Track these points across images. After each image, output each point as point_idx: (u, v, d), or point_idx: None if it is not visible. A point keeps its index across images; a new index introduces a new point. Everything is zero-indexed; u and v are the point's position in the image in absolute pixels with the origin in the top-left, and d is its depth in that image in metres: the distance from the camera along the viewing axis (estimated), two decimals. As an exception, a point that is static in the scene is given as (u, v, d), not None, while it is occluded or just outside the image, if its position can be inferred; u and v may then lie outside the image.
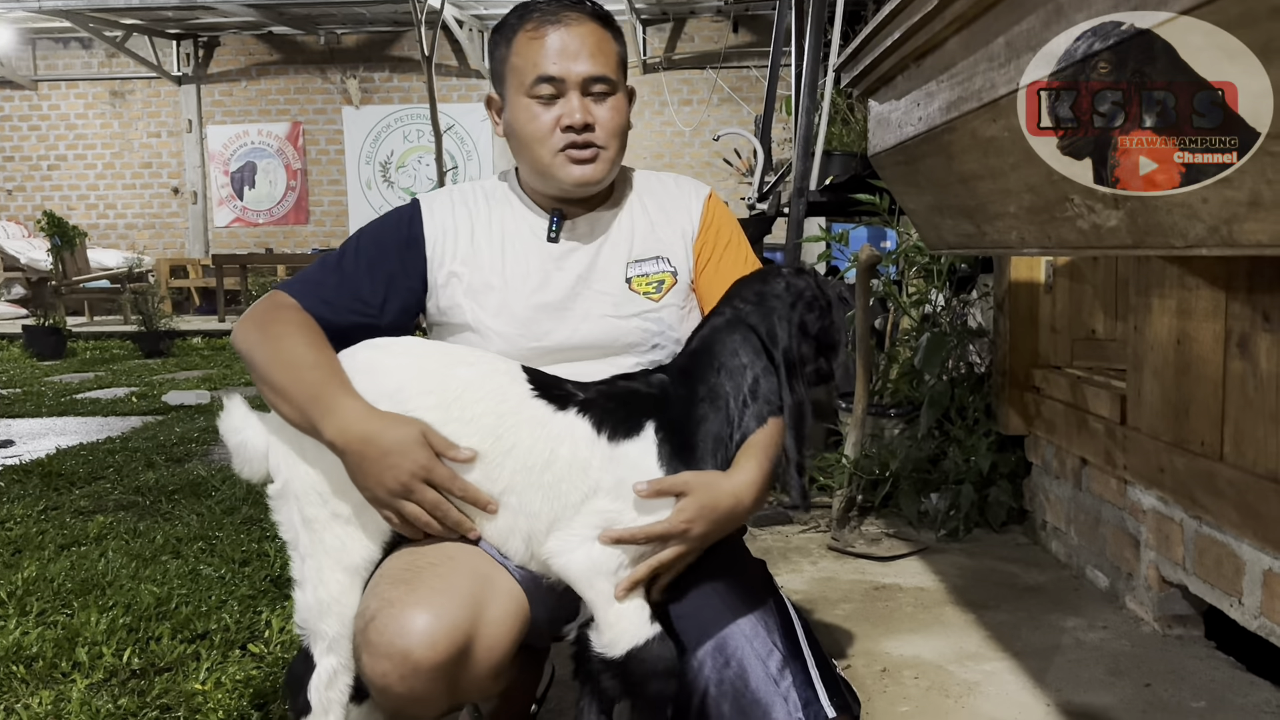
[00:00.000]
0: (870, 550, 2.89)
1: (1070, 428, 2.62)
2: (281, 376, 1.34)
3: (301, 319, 1.43)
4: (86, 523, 3.17)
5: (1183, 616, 2.21)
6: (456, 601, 1.23)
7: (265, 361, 1.37)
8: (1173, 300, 2.11)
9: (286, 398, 1.33)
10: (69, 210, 12.94)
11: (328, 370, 1.34)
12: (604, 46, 1.49)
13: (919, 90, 1.71)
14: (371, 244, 1.54)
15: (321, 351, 1.38)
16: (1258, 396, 1.81)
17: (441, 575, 1.26)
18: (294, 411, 1.33)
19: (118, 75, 13.05)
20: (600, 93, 1.49)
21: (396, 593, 1.24)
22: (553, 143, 1.48)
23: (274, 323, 1.41)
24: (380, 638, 1.20)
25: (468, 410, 1.33)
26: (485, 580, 1.30)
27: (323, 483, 1.36)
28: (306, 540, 1.37)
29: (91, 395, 6.17)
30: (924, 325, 3.38)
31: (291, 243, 13.02)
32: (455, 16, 11.74)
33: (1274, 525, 1.73)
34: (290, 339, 1.38)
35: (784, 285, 1.45)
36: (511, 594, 1.32)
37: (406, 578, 1.26)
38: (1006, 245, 1.68)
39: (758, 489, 1.35)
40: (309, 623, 1.36)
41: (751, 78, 11.95)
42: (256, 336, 1.40)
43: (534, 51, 1.46)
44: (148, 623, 2.29)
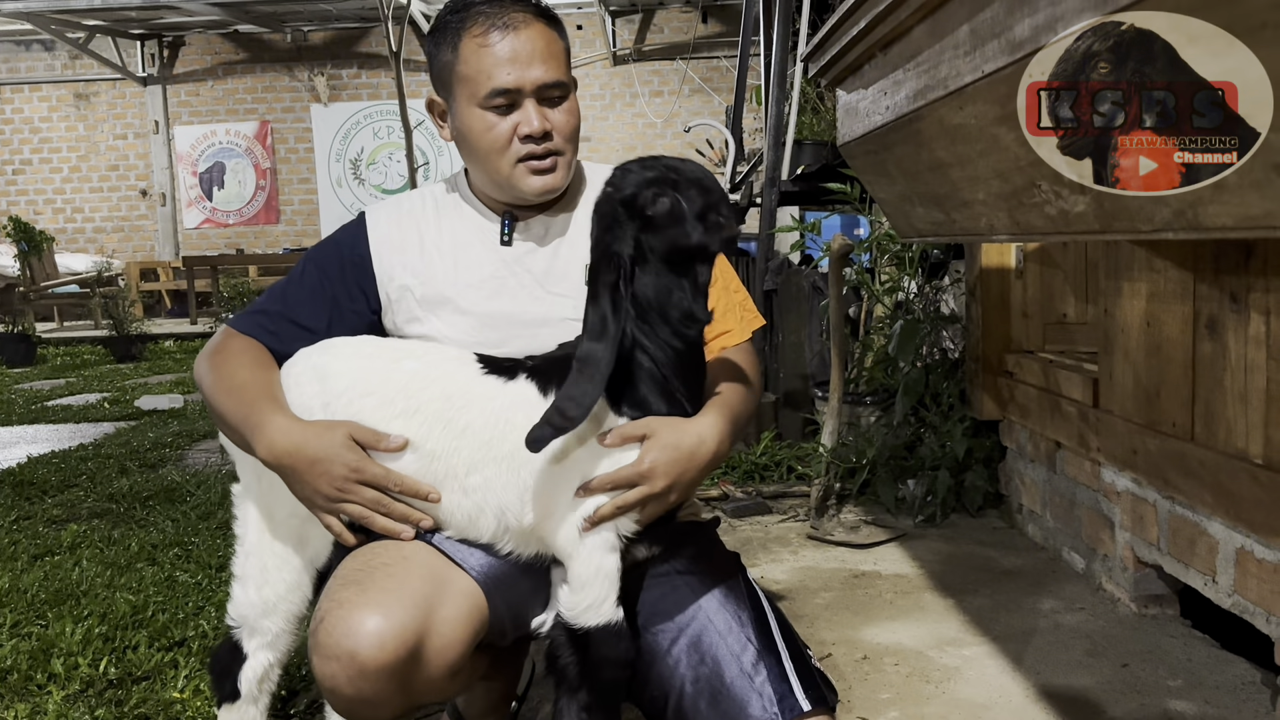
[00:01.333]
0: (849, 538, 2.90)
1: (1043, 411, 2.64)
2: (222, 403, 1.38)
3: (245, 345, 1.46)
4: (60, 532, 3.13)
5: (1158, 596, 2.23)
6: (407, 602, 1.22)
7: (210, 392, 1.42)
8: (1142, 283, 2.12)
9: (226, 423, 1.38)
10: (35, 215, 12.76)
11: (258, 390, 1.37)
12: (553, 48, 1.45)
13: (886, 79, 1.72)
14: (315, 269, 1.54)
15: (256, 373, 1.41)
16: (1227, 377, 1.83)
17: (393, 576, 1.25)
18: (234, 435, 1.38)
19: (82, 77, 12.89)
20: (555, 97, 1.46)
21: (347, 594, 1.23)
22: (511, 153, 1.44)
23: (218, 353, 1.46)
24: (329, 639, 1.19)
25: (413, 401, 1.33)
26: (439, 580, 1.29)
27: (273, 487, 1.38)
28: (255, 538, 1.40)
29: (63, 402, 6.10)
30: (897, 313, 3.39)
31: (262, 243, 12.91)
32: (423, 11, 11.67)
33: (1245, 504, 1.75)
34: (230, 366, 1.42)
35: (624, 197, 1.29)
36: (467, 594, 1.31)
37: (358, 578, 1.25)
38: (976, 232, 1.68)
39: (720, 431, 1.32)
40: (248, 619, 1.40)
41: (722, 68, 11.95)
42: (204, 368, 1.45)
43: (484, 61, 1.41)
44: (124, 632, 2.27)
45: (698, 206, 1.27)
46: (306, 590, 1.41)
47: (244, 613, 1.40)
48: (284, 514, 1.38)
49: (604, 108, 12.17)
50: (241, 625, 1.41)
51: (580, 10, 12.18)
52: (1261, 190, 0.92)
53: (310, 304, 1.51)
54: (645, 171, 1.29)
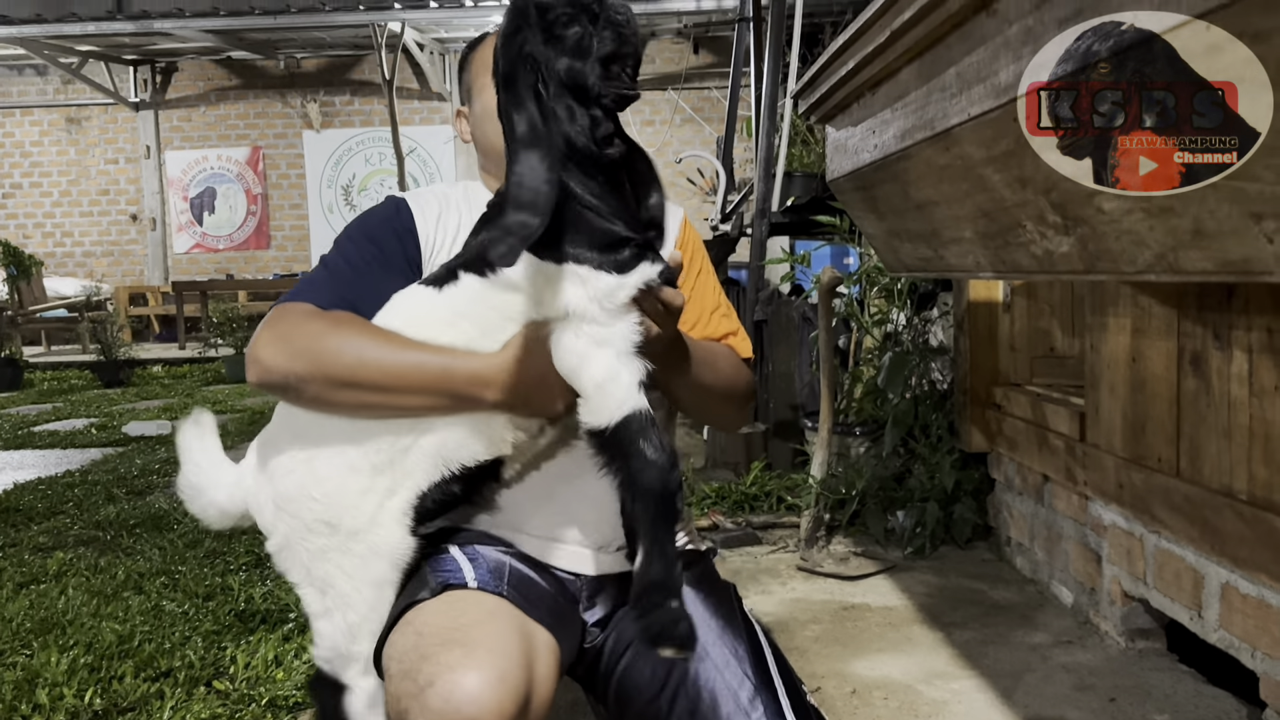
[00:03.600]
0: (839, 569, 2.90)
1: (1031, 444, 2.66)
2: (394, 376, 1.27)
3: (344, 318, 1.34)
4: (46, 559, 3.11)
5: (1145, 630, 2.24)
6: (514, 662, 1.20)
7: (353, 368, 1.27)
8: (1127, 319, 2.15)
9: (419, 391, 1.27)
10: (25, 239, 12.74)
11: (425, 346, 1.28)
12: None
13: (874, 118, 1.74)
14: (367, 241, 1.48)
15: (390, 334, 1.31)
16: (1210, 413, 1.85)
17: (491, 635, 1.23)
18: (435, 400, 1.27)
19: (74, 102, 12.91)
20: None
21: (452, 656, 1.18)
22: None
23: (328, 331, 1.30)
24: (446, 705, 1.14)
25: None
26: (528, 636, 1.27)
27: (326, 510, 1.33)
28: (323, 572, 1.35)
29: (50, 427, 6.07)
30: (886, 344, 3.41)
31: (253, 268, 12.91)
32: (416, 40, 11.74)
33: (1230, 540, 1.76)
34: (360, 339, 1.29)
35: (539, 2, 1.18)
36: (550, 647, 1.30)
37: (457, 638, 1.22)
38: (963, 269, 1.71)
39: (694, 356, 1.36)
40: (339, 649, 1.35)
41: (712, 98, 12.05)
42: (318, 347, 1.29)
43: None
44: (110, 662, 2.26)
45: (606, 50, 1.16)
46: (386, 608, 1.35)
47: (332, 645, 1.35)
48: (344, 534, 1.33)
49: (596, 136, 12.23)
50: (334, 659, 1.36)
51: (572, 40, 12.27)
52: (1239, 237, 0.94)
53: (382, 270, 1.44)
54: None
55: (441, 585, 1.32)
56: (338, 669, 1.36)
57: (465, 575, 1.33)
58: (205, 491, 1.40)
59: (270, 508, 1.36)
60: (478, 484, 1.38)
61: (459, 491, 1.36)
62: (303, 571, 1.37)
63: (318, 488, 1.33)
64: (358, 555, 1.34)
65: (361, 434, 1.34)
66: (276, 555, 1.38)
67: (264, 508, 1.37)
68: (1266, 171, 0.87)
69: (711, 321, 1.60)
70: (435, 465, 1.32)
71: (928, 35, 1.40)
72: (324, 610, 1.35)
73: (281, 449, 1.37)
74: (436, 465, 1.32)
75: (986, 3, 1.23)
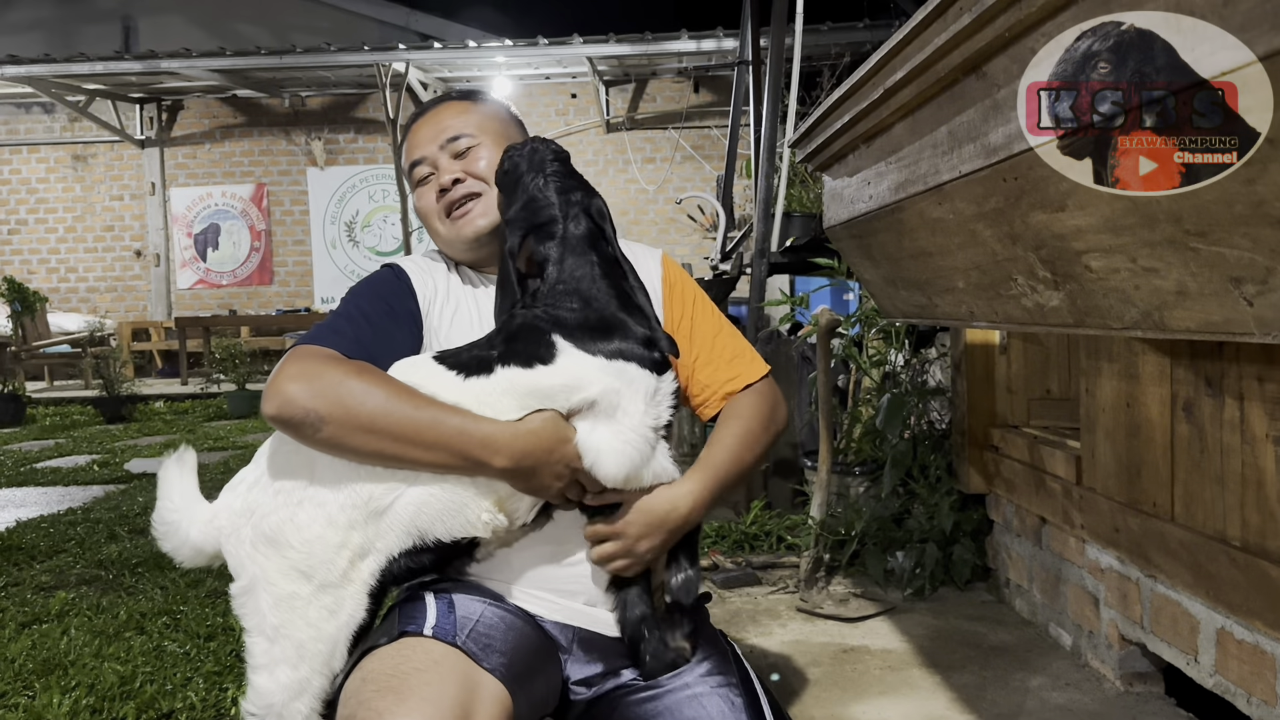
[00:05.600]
0: (838, 611, 2.91)
1: (1029, 487, 2.68)
2: (412, 429, 1.31)
3: (366, 367, 1.37)
4: (48, 599, 3.12)
5: (1143, 674, 2.24)
6: (446, 712, 1.21)
7: (374, 415, 1.30)
8: (1120, 364, 2.18)
9: (433, 447, 1.31)
10: (29, 275, 12.82)
11: (444, 406, 1.34)
12: (465, 113, 1.61)
13: (869, 169, 1.78)
14: (377, 297, 1.53)
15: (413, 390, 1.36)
16: (1204, 459, 1.87)
17: (429, 683, 1.24)
18: (446, 457, 1.31)
19: (80, 139, 13.04)
20: (461, 149, 1.58)
21: (385, 703, 1.21)
22: (439, 210, 1.58)
23: (352, 376, 1.33)
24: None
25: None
26: (471, 686, 1.28)
27: (304, 558, 1.35)
28: (282, 620, 1.35)
29: (52, 464, 6.09)
30: (885, 385, 3.44)
31: (255, 304, 12.97)
32: (419, 79, 11.88)
33: (1224, 586, 1.78)
34: (384, 390, 1.33)
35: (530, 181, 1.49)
36: (497, 697, 1.30)
37: (394, 685, 1.24)
38: (957, 318, 1.74)
39: (695, 498, 1.43)
40: (276, 705, 1.34)
41: (713, 137, 12.16)
42: (343, 390, 1.31)
43: (410, 146, 1.62)
44: (111, 703, 2.26)
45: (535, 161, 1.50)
46: (336, 665, 1.36)
47: (271, 699, 1.34)
48: (315, 585, 1.35)
49: (597, 173, 12.34)
50: (265, 715, 1.34)
51: (575, 80, 12.42)
52: (1220, 300, 0.97)
53: (393, 324, 1.50)
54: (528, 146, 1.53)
55: (399, 632, 1.34)
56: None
57: (424, 623, 1.36)
58: (180, 529, 1.40)
59: (246, 547, 1.37)
60: (450, 558, 1.42)
61: (429, 563, 1.40)
62: (258, 618, 1.37)
63: (297, 535, 1.35)
64: (325, 608, 1.35)
65: (344, 486, 1.36)
66: (238, 598, 1.38)
67: (238, 547, 1.37)
68: (1243, 239, 0.90)
69: (715, 347, 1.61)
70: (409, 532, 1.36)
71: (920, 94, 1.44)
72: (268, 663, 1.35)
73: (265, 490, 1.38)
74: (410, 533, 1.36)
75: (975, 66, 1.26)
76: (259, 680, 1.36)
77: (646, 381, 1.37)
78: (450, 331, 1.53)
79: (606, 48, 10.83)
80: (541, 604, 1.47)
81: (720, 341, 1.62)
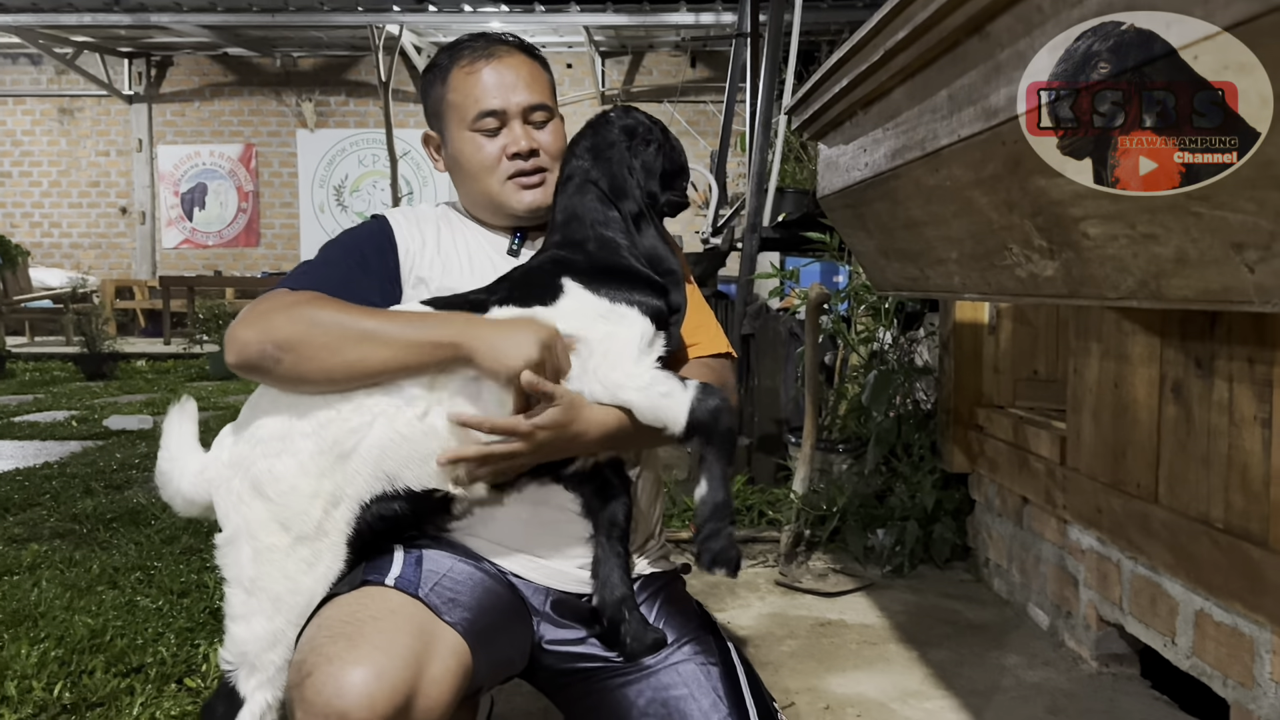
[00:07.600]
0: (817, 586, 2.90)
1: (1012, 467, 2.67)
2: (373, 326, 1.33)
3: (315, 295, 1.38)
4: (20, 551, 3.09)
5: (1120, 655, 2.24)
6: (398, 661, 1.19)
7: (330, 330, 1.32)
8: (1110, 345, 2.16)
9: (394, 341, 1.32)
10: (12, 228, 12.68)
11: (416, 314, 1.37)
12: (537, 76, 1.56)
13: (865, 137, 1.75)
14: (355, 249, 1.53)
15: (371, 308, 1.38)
16: (1190, 441, 1.86)
17: (383, 631, 1.22)
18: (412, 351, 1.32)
19: (67, 92, 12.86)
20: (540, 120, 1.55)
21: (336, 648, 1.20)
22: (500, 171, 1.53)
23: (301, 304, 1.35)
24: (318, 697, 1.15)
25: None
26: (427, 636, 1.26)
27: (280, 510, 1.34)
28: (260, 572, 1.35)
29: (30, 418, 6.03)
30: (872, 362, 3.42)
31: (241, 265, 12.87)
32: (413, 43, 11.75)
33: (1205, 567, 1.77)
34: (333, 305, 1.35)
35: (616, 131, 1.53)
36: (454, 650, 1.28)
37: (347, 632, 1.22)
38: (949, 290, 1.71)
39: (604, 430, 1.37)
40: (250, 655, 1.34)
41: (708, 112, 12.08)
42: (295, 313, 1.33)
43: (473, 87, 1.52)
44: (81, 655, 2.24)
45: (673, 166, 1.55)
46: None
47: (245, 648, 1.34)
48: (292, 537, 1.35)
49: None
50: (240, 665, 1.34)
51: (571, 49, 12.31)
52: (1220, 267, 0.95)
53: (363, 274, 1.49)
54: (644, 118, 1.57)
55: (360, 581, 1.33)
56: (240, 678, 1.35)
57: (387, 574, 1.34)
58: (172, 479, 1.41)
59: (234, 499, 1.37)
60: (426, 513, 1.41)
61: (402, 513, 1.39)
62: (238, 569, 1.37)
63: (274, 485, 1.35)
64: (302, 560, 1.36)
65: (316, 434, 1.36)
66: (221, 548, 1.39)
67: (226, 498, 1.37)
68: (1248, 203, 0.88)
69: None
70: (376, 476, 1.36)
71: (920, 56, 1.41)
72: (245, 613, 1.36)
73: (248, 441, 1.38)
74: (377, 476, 1.36)
75: (979, 26, 1.24)
76: (235, 629, 1.36)
77: (644, 325, 1.39)
78: (443, 279, 1.52)
79: (604, 17, 10.71)
80: (518, 563, 1.45)
81: (701, 315, 1.60)
